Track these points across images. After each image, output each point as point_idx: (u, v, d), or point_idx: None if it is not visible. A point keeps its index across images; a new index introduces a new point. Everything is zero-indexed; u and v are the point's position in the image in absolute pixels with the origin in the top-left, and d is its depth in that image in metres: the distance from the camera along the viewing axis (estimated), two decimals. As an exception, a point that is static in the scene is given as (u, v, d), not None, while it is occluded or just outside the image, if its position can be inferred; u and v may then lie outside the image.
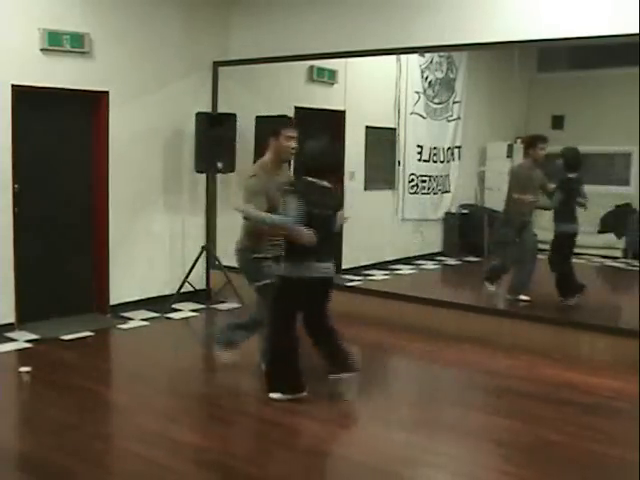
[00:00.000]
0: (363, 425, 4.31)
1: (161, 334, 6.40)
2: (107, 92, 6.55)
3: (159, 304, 6.99)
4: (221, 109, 7.48)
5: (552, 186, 6.50)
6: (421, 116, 8.53)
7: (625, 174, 7.49)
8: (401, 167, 8.51)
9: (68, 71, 6.24)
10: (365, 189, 8.24)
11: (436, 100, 8.62)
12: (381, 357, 5.84)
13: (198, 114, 7.10)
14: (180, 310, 7.02)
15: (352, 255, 8.12)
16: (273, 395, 4.54)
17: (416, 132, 8.53)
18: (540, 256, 7.55)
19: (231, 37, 7.50)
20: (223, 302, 7.40)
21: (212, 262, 7.48)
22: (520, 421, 4.35)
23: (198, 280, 7.45)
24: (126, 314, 6.74)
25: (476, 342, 5.87)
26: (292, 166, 4.98)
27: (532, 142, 6.56)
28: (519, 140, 7.60)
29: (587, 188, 6.56)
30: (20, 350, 5.61)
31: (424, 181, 8.66)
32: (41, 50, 6.04)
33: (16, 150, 5.96)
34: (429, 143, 8.61)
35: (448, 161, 8.79)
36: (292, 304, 4.57)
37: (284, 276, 4.50)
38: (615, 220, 7.41)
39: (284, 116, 7.33)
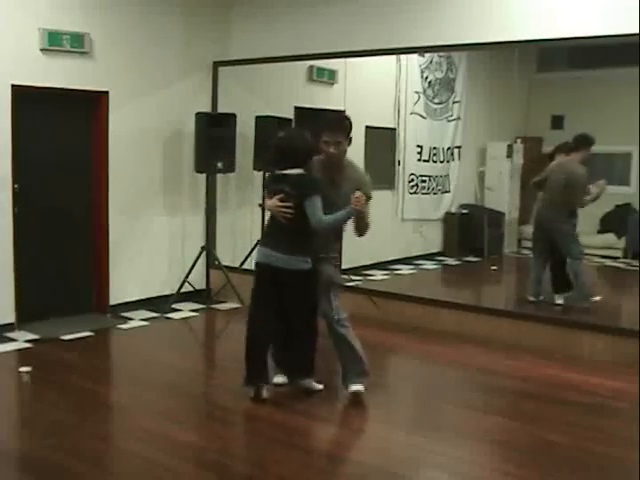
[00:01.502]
0: (363, 425, 4.31)
1: (161, 334, 6.40)
2: (107, 92, 6.55)
3: (159, 304, 6.99)
4: (221, 109, 7.48)
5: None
6: (421, 116, 8.54)
7: (625, 174, 7.49)
8: (401, 167, 8.51)
9: (68, 71, 6.24)
10: (365, 189, 8.23)
11: (436, 100, 8.62)
12: (381, 357, 5.83)
13: (198, 114, 7.11)
14: (180, 310, 7.02)
15: (352, 255, 8.13)
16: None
17: (416, 132, 8.53)
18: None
19: (231, 37, 7.50)
20: (223, 302, 7.41)
21: (212, 262, 7.48)
22: (520, 421, 4.35)
23: (198, 280, 7.45)
24: (126, 314, 6.74)
25: (476, 342, 5.87)
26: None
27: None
28: (519, 140, 7.61)
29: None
30: (20, 350, 5.60)
31: (424, 181, 8.66)
32: (41, 50, 6.04)
33: (16, 150, 5.96)
34: (429, 143, 8.62)
35: (448, 161, 8.80)
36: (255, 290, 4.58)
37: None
38: (615, 220, 7.41)
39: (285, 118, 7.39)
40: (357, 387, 4.58)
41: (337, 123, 4.57)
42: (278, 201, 4.37)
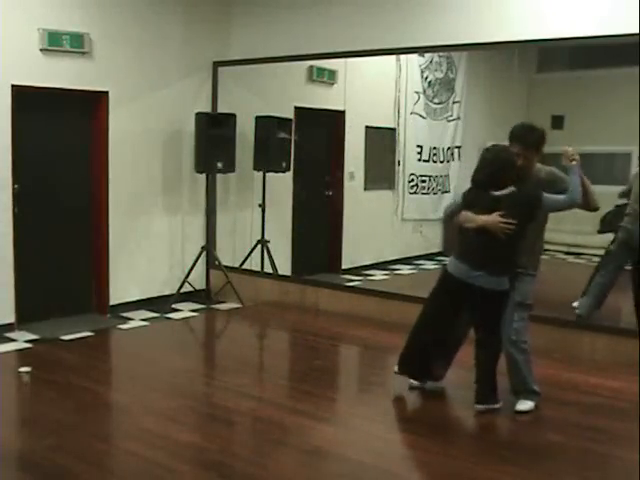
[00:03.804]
0: (363, 425, 4.30)
1: (161, 334, 6.40)
2: (107, 92, 6.55)
3: (159, 304, 6.99)
4: (221, 109, 7.48)
5: None
6: (421, 116, 8.53)
7: (625, 174, 7.48)
8: (401, 167, 8.51)
9: (68, 71, 6.24)
10: (365, 189, 8.24)
11: (436, 100, 8.62)
12: (381, 357, 5.83)
13: (198, 114, 7.11)
14: (180, 310, 7.02)
15: (352, 255, 8.13)
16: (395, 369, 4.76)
17: (416, 132, 8.53)
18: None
19: (231, 37, 7.50)
20: (223, 302, 7.41)
21: (212, 262, 7.48)
22: (520, 421, 4.35)
23: (198, 280, 7.45)
24: (126, 314, 6.74)
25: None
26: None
27: None
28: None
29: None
30: (20, 350, 5.60)
31: (424, 181, 8.66)
32: (41, 50, 6.04)
33: (16, 150, 5.96)
34: (429, 143, 8.62)
35: (448, 161, 8.79)
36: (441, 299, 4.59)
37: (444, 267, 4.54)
38: (615, 220, 7.40)
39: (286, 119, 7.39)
40: (522, 406, 4.45)
41: (520, 134, 4.48)
42: (498, 216, 4.21)
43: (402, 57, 7.88)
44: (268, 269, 7.48)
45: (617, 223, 6.56)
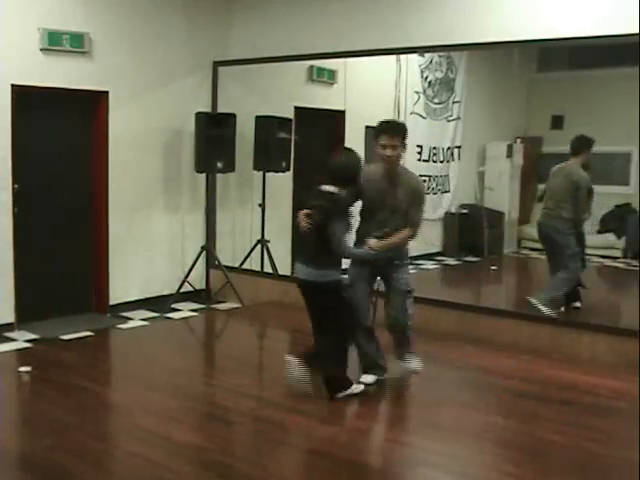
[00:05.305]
0: (363, 425, 4.30)
1: (161, 334, 6.40)
2: (107, 92, 6.55)
3: (159, 304, 6.99)
4: (221, 109, 7.48)
5: None
6: (421, 116, 8.53)
7: (625, 174, 7.49)
8: (401, 167, 8.50)
9: (68, 71, 6.24)
10: (365, 189, 8.23)
11: (436, 100, 8.62)
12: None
13: (198, 114, 7.11)
14: (180, 310, 7.02)
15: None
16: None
17: (416, 132, 8.51)
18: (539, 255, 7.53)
19: (231, 37, 7.50)
20: (223, 302, 7.41)
21: (212, 262, 7.48)
22: (520, 421, 4.35)
23: (198, 280, 7.45)
24: (126, 314, 6.74)
25: (476, 342, 5.87)
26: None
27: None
28: (519, 140, 7.61)
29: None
30: (20, 350, 5.61)
31: (424, 181, 8.63)
32: (41, 50, 6.05)
33: (16, 150, 5.96)
34: (429, 143, 8.61)
35: (448, 161, 8.79)
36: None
37: None
38: (615, 220, 7.41)
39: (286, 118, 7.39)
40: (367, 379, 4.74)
41: (394, 127, 4.77)
42: (304, 215, 4.49)
43: (402, 57, 7.87)
44: (268, 269, 7.48)
45: (616, 223, 6.58)
